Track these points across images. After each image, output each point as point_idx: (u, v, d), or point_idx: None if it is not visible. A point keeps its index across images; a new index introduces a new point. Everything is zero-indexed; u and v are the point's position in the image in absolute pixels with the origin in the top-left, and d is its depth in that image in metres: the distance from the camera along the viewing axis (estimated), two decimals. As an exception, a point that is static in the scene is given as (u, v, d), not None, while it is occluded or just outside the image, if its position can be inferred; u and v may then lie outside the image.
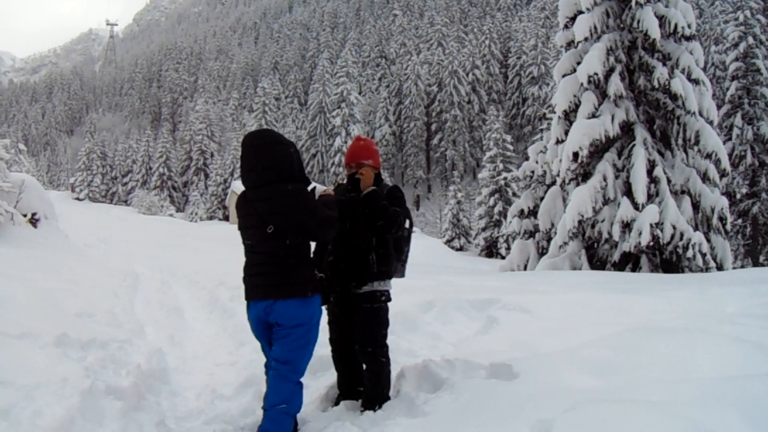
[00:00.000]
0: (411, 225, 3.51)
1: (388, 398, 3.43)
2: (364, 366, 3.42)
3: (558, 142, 13.21)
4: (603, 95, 12.28)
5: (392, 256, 3.42)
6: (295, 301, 3.03)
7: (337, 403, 3.55)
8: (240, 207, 3.16)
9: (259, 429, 3.01)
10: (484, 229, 34.78)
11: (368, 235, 3.35)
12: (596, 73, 11.86)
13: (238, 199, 3.19)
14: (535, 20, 62.08)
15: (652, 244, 11.28)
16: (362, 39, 77.21)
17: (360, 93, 58.83)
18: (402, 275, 3.60)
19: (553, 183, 14.46)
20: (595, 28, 12.25)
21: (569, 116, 12.77)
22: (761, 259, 24.02)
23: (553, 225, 13.80)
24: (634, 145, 11.99)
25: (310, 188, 3.13)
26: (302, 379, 3.24)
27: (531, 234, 17.61)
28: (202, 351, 5.23)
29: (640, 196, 11.38)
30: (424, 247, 22.56)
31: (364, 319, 3.38)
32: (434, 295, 6.18)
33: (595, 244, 12.45)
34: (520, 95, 57.65)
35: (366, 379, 3.42)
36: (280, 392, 3.00)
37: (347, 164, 3.52)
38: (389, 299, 3.48)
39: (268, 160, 3.05)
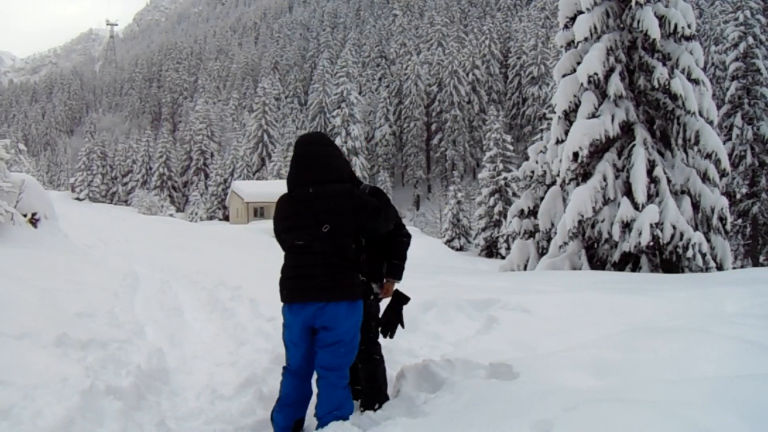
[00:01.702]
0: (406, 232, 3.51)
1: (387, 397, 3.43)
2: (359, 365, 3.43)
3: (558, 142, 13.21)
4: (603, 95, 12.28)
5: (382, 257, 3.44)
6: (345, 304, 3.04)
7: (337, 403, 3.56)
8: (285, 208, 3.16)
9: None
10: (484, 229, 34.82)
11: (358, 240, 3.36)
12: (596, 73, 11.86)
13: (281, 203, 3.20)
14: (535, 20, 62.16)
15: (652, 244, 11.28)
16: (362, 39, 77.20)
17: (360, 93, 58.81)
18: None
19: (553, 183, 14.45)
20: (595, 28, 12.25)
21: (569, 116, 12.77)
22: (761, 259, 24.03)
23: (553, 225, 13.80)
24: (634, 145, 11.99)
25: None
26: None
27: (531, 234, 17.60)
28: (202, 351, 5.22)
29: (640, 196, 11.39)
30: (424, 247, 22.56)
31: None
32: (434, 295, 6.18)
33: (595, 244, 12.45)
34: (520, 95, 57.70)
35: (362, 378, 3.43)
36: (332, 399, 3.04)
37: None
38: (380, 299, 3.50)
39: (328, 160, 3.12)
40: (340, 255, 3.03)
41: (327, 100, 58.37)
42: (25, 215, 10.82)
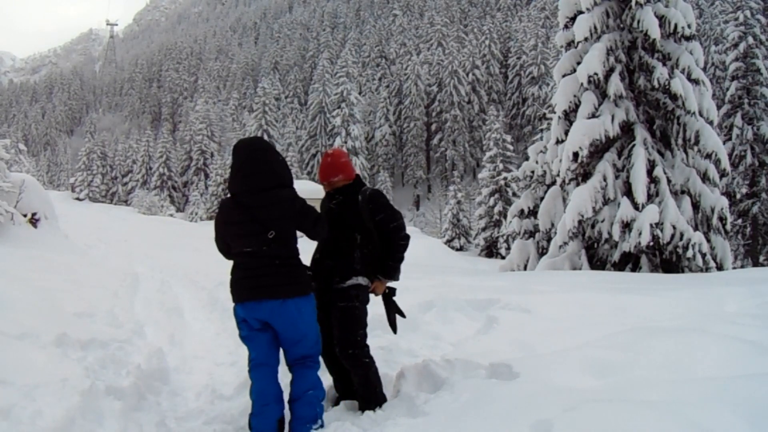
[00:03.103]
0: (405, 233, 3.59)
1: (384, 398, 3.42)
2: (350, 371, 3.41)
3: (558, 142, 13.21)
4: (603, 95, 12.28)
5: (376, 255, 3.47)
6: (301, 299, 3.14)
7: (336, 404, 3.56)
8: (230, 214, 3.18)
9: (294, 420, 3.11)
10: (484, 229, 34.80)
11: (353, 237, 3.44)
12: (596, 73, 11.86)
13: (225, 208, 3.21)
14: (535, 20, 62.06)
15: (652, 244, 11.28)
16: (362, 39, 77.14)
17: (360, 93, 58.76)
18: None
19: (553, 183, 14.45)
20: (595, 28, 12.25)
21: (569, 116, 12.77)
22: (761, 259, 24.02)
23: (553, 225, 13.80)
24: (634, 145, 11.99)
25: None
26: None
27: (531, 234, 17.61)
28: (202, 351, 5.23)
29: (640, 196, 11.39)
30: (424, 247, 22.53)
31: (341, 318, 3.38)
32: (434, 295, 6.18)
33: (595, 244, 12.45)
34: (520, 95, 57.63)
35: (356, 383, 3.42)
36: (306, 379, 3.17)
37: (321, 182, 3.63)
38: (367, 300, 3.49)
39: (272, 166, 3.17)
40: (288, 255, 3.15)
41: (327, 100, 58.29)
42: (25, 215, 10.82)
